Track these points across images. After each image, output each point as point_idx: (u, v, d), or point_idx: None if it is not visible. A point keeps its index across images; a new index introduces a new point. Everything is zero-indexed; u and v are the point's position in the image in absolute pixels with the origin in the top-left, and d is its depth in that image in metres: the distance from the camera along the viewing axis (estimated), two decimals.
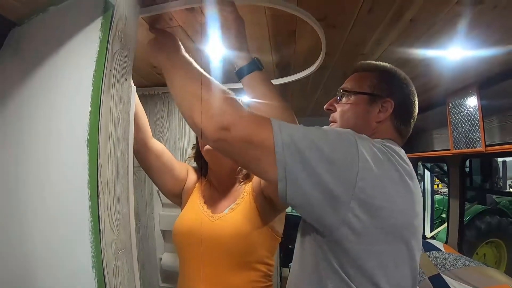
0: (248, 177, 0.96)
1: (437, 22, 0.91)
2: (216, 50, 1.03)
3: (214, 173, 0.98)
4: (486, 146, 1.55)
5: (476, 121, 1.59)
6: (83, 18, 0.57)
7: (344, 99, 0.75)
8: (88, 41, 0.56)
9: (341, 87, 0.77)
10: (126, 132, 0.60)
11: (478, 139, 1.59)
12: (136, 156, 0.86)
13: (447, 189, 3.10)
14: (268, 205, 0.87)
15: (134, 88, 0.63)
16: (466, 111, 1.68)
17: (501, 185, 4.58)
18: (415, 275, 0.63)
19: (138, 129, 0.81)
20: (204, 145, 0.91)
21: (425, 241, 2.05)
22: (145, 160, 0.90)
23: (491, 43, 1.06)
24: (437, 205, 4.10)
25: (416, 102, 0.75)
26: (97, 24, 0.56)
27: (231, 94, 0.62)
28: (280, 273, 2.24)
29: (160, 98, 1.58)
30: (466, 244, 2.64)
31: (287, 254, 2.18)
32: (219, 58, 1.10)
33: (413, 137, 2.60)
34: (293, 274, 0.71)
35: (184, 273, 0.90)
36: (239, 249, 0.84)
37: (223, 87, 0.62)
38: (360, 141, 0.58)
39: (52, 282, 0.53)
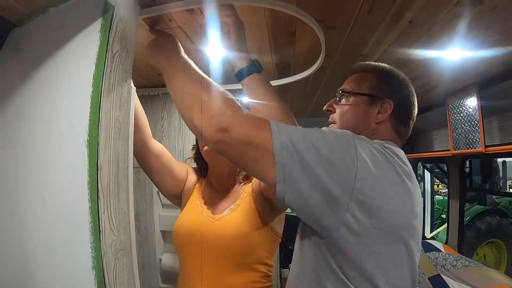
0: (248, 178, 0.96)
1: (437, 22, 0.91)
2: (216, 51, 1.03)
3: (214, 173, 0.98)
4: (486, 146, 1.55)
5: (476, 122, 1.59)
6: (83, 19, 0.57)
7: (343, 100, 0.75)
8: (88, 42, 0.56)
9: (340, 88, 0.77)
10: (126, 133, 0.60)
11: (478, 139, 1.59)
12: (136, 157, 0.86)
13: (447, 190, 3.10)
14: (268, 206, 0.87)
15: (134, 89, 0.64)
16: (466, 111, 1.68)
17: (501, 185, 4.58)
18: (414, 275, 0.63)
19: (138, 130, 0.82)
20: (203, 146, 0.91)
21: (425, 241, 2.05)
22: (145, 161, 0.90)
23: (490, 43, 1.06)
24: (437, 206, 4.10)
25: (416, 103, 0.75)
26: (97, 25, 0.56)
27: (230, 96, 0.62)
28: (280, 273, 2.24)
29: (160, 99, 1.58)
30: (466, 244, 2.63)
31: (287, 254, 2.18)
32: (218, 59, 1.10)
33: (413, 138, 2.60)
34: (293, 275, 0.71)
35: (184, 274, 0.90)
36: (239, 250, 0.84)
37: (222, 89, 0.62)
38: (359, 142, 0.58)
39: (52, 282, 0.53)
